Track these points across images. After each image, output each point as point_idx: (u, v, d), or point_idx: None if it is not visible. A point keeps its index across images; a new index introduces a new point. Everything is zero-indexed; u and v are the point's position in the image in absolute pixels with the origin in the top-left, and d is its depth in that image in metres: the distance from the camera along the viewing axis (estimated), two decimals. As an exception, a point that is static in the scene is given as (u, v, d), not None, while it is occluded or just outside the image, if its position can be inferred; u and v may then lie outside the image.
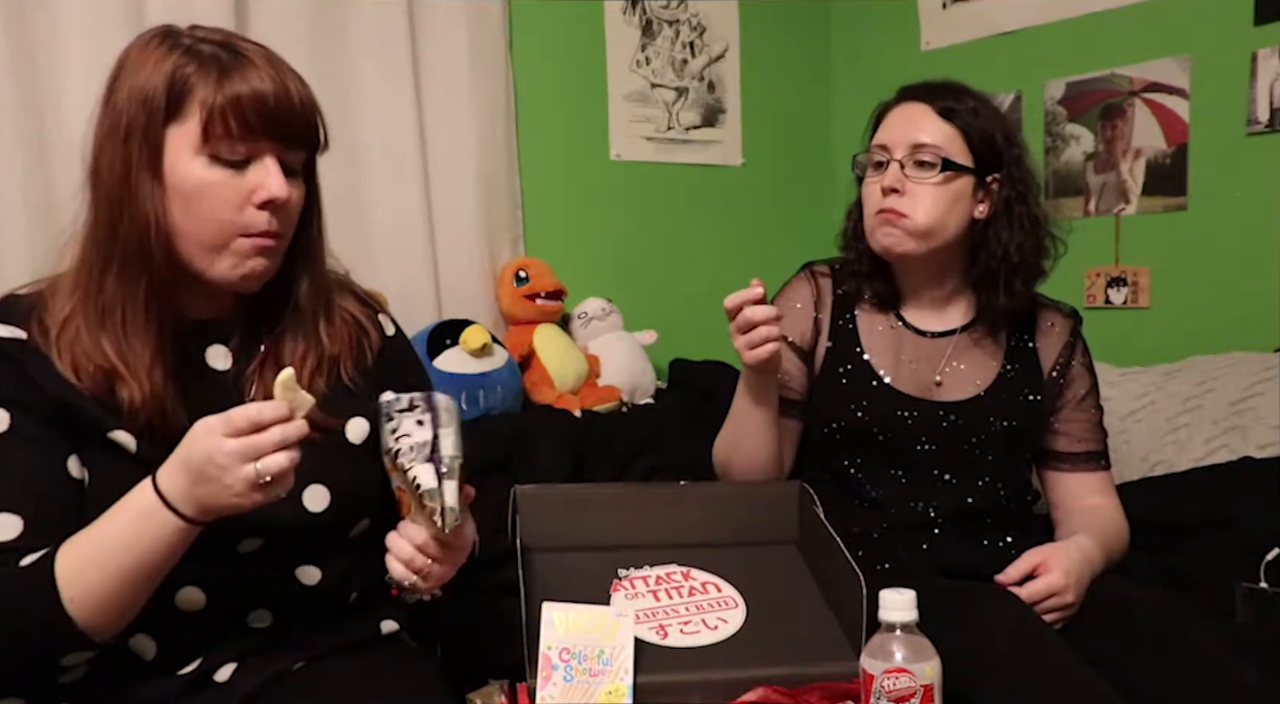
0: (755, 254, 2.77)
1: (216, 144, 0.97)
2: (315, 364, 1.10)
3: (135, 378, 0.99)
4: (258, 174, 0.99)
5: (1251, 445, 1.80)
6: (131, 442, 1.00)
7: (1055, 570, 1.30)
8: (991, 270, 1.46)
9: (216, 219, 0.99)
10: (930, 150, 1.42)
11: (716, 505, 1.41)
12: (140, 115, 0.97)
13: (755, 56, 2.75)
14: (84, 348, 0.99)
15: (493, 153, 2.27)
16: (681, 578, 1.30)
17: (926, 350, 1.51)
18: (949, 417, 1.46)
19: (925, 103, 1.46)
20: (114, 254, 0.99)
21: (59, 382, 0.98)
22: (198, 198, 0.98)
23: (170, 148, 0.97)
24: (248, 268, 1.02)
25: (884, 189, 1.44)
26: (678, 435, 2.04)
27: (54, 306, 1.00)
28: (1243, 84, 2.10)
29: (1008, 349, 1.52)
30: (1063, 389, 1.53)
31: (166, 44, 0.99)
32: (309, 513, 1.07)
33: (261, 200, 0.99)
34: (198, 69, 0.97)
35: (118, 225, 0.98)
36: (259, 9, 1.91)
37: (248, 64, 0.98)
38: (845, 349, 1.52)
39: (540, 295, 2.24)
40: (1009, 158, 1.46)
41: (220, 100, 0.96)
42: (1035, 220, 1.47)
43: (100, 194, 1.00)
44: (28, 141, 1.70)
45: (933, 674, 0.96)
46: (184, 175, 0.98)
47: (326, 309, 1.12)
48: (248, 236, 1.00)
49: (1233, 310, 2.14)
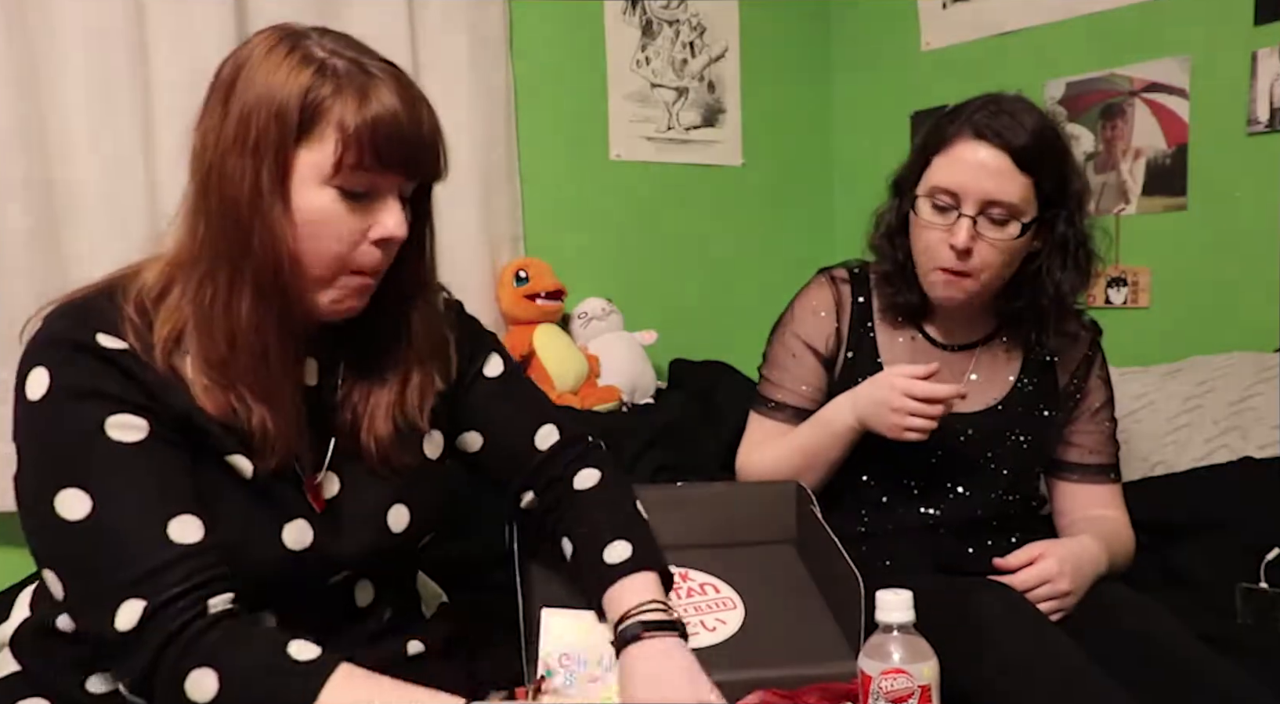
0: (755, 254, 2.77)
1: (347, 175, 0.92)
2: (419, 399, 1.06)
3: (271, 401, 0.94)
4: (378, 209, 0.95)
5: (1251, 445, 1.80)
6: (249, 467, 0.95)
7: (1050, 559, 1.29)
8: (1042, 307, 1.41)
9: (331, 253, 0.94)
10: (1004, 209, 1.33)
11: (714, 506, 1.41)
12: (272, 129, 0.90)
13: (755, 56, 2.75)
14: (201, 365, 0.93)
15: (493, 153, 2.27)
16: (680, 579, 1.30)
17: (945, 364, 1.48)
18: (965, 430, 1.45)
19: (1000, 149, 1.33)
20: (244, 272, 0.92)
21: (174, 394, 0.93)
22: (317, 229, 0.93)
23: (298, 172, 0.91)
24: (346, 304, 0.98)
25: (956, 249, 1.35)
26: (680, 435, 2.05)
27: (155, 314, 0.94)
28: (1243, 84, 2.09)
29: (1025, 360, 1.50)
30: (1078, 402, 1.52)
31: (299, 53, 0.92)
32: (392, 533, 1.05)
33: (378, 238, 0.95)
34: (335, 90, 0.91)
35: (248, 244, 0.91)
36: (259, 8, 1.91)
37: (382, 87, 0.92)
38: (865, 359, 1.50)
39: (540, 295, 2.24)
40: (1071, 193, 1.38)
41: (357, 127, 0.90)
42: (1090, 255, 1.41)
43: (225, 205, 0.92)
44: (28, 142, 1.70)
45: (930, 675, 0.96)
46: (310, 203, 0.92)
47: (441, 344, 1.09)
48: (356, 273, 0.96)
49: (1233, 310, 2.14)
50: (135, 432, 0.90)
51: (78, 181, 1.74)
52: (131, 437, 0.90)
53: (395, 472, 1.05)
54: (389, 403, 1.04)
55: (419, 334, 1.06)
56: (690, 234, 2.66)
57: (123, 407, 0.90)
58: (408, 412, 1.05)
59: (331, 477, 1.03)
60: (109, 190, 1.76)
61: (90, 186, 1.75)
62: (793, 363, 1.53)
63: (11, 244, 1.68)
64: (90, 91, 1.75)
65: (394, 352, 1.05)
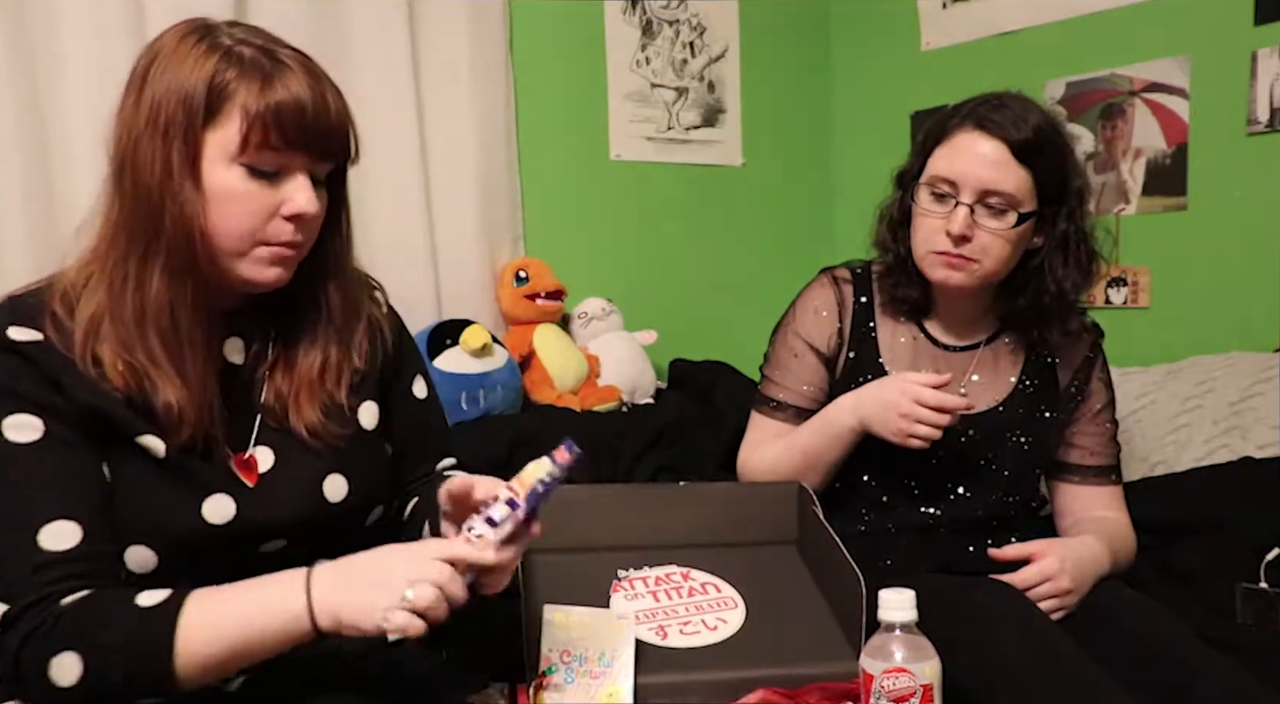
0: (755, 254, 2.77)
1: (254, 154, 0.96)
2: (341, 378, 1.10)
3: (183, 379, 0.98)
4: (288, 186, 0.99)
5: (1251, 445, 1.80)
6: (161, 447, 0.99)
7: (1051, 557, 1.29)
8: (1044, 305, 1.42)
9: (242, 228, 0.98)
10: (1003, 198, 1.35)
11: (716, 506, 1.41)
12: (180, 114, 0.95)
13: (755, 56, 2.74)
14: (116, 348, 0.97)
15: (493, 153, 2.27)
16: (681, 578, 1.30)
17: (947, 364, 1.49)
18: (966, 431, 1.45)
19: (1000, 139, 1.35)
20: (157, 252, 0.97)
21: (83, 384, 0.96)
22: (228, 205, 0.97)
23: (207, 152, 0.96)
24: (265, 274, 1.01)
25: (951, 235, 1.37)
26: (680, 435, 2.05)
27: (81, 303, 0.98)
28: (1243, 84, 2.09)
29: (1026, 361, 1.50)
30: (1079, 403, 1.51)
31: (206, 42, 0.97)
32: (329, 503, 1.07)
33: (289, 214, 0.99)
34: (239, 75, 0.96)
35: (160, 223, 0.96)
36: (258, 8, 1.91)
37: (288, 72, 0.97)
38: (866, 360, 1.50)
39: (540, 295, 2.24)
40: (1072, 190, 1.39)
41: (260, 110, 0.95)
42: (1092, 253, 1.42)
43: (138, 189, 0.97)
44: (28, 142, 1.70)
45: (932, 674, 0.96)
46: (218, 182, 0.97)
47: (359, 323, 1.13)
48: (268, 245, 1.00)
49: (1233, 310, 2.14)
50: (30, 432, 0.94)
51: (78, 182, 1.74)
52: (26, 437, 0.94)
53: (328, 444, 1.08)
54: (311, 380, 1.08)
55: (336, 311, 1.10)
56: (690, 234, 2.66)
57: (22, 406, 0.94)
58: (328, 387, 1.09)
59: (266, 450, 1.06)
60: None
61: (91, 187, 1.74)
62: (794, 362, 1.53)
63: (12, 245, 1.68)
64: (90, 91, 1.74)
65: (314, 329, 1.09)
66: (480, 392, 1.99)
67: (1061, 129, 1.41)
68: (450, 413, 1.41)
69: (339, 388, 1.10)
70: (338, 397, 1.10)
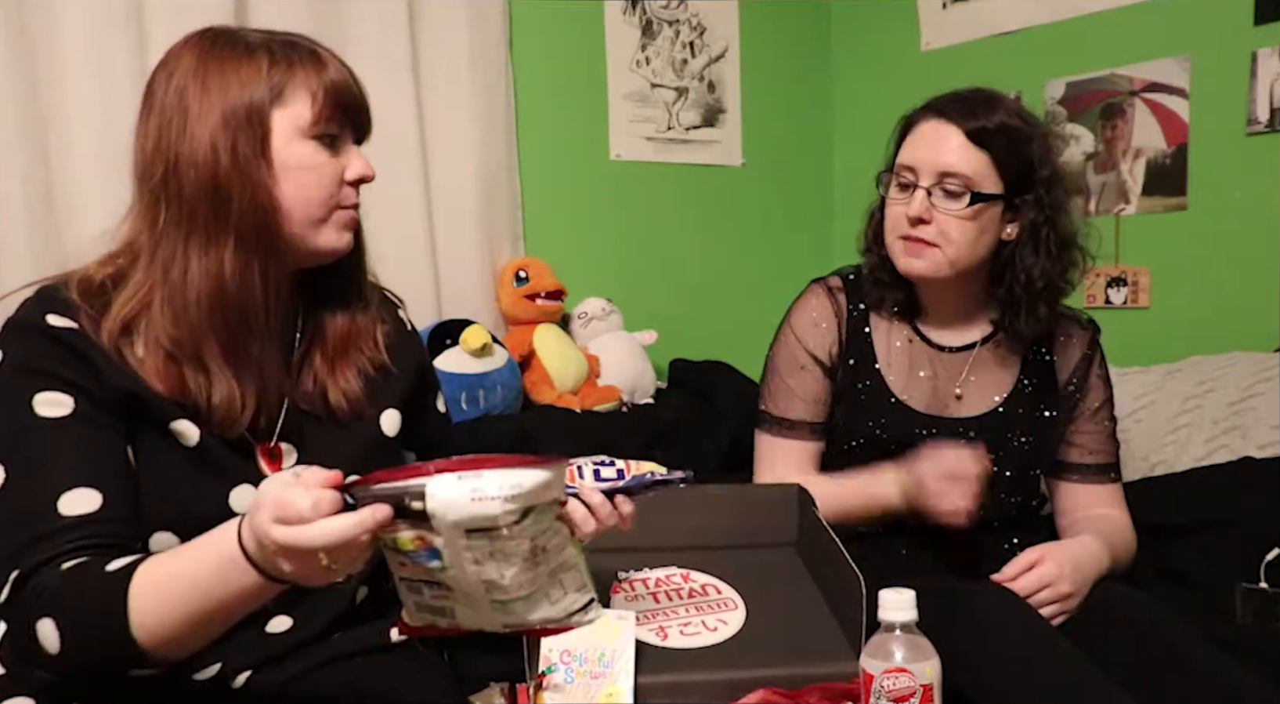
0: (755, 254, 2.77)
1: (324, 125, 1.03)
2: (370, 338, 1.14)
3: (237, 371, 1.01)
4: (346, 155, 1.07)
5: (1251, 445, 1.80)
6: (194, 433, 1.00)
7: (1049, 562, 1.29)
8: (1015, 295, 1.42)
9: (321, 195, 1.05)
10: (958, 180, 1.37)
11: (716, 508, 1.41)
12: (242, 104, 1.00)
13: (755, 56, 2.75)
14: (162, 341, 0.99)
15: (493, 153, 2.27)
16: (681, 580, 1.30)
17: (944, 365, 1.49)
18: (967, 433, 1.45)
19: (955, 123, 1.39)
20: (225, 235, 1.00)
21: (120, 370, 0.98)
22: (304, 175, 1.03)
23: (277, 132, 1.02)
24: (342, 240, 1.08)
25: (910, 218, 1.39)
26: (680, 435, 2.05)
27: (123, 295, 1.00)
28: (1243, 84, 2.10)
29: (1024, 362, 1.50)
30: (1077, 401, 1.51)
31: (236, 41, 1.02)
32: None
33: (354, 177, 1.07)
34: (293, 61, 1.02)
35: (226, 209, 0.99)
36: (258, 8, 1.91)
37: (326, 57, 1.06)
38: (863, 366, 1.50)
39: (540, 295, 2.24)
40: (1039, 179, 1.39)
41: (325, 86, 1.03)
42: (1063, 243, 1.42)
43: (198, 183, 0.99)
44: (28, 142, 1.70)
45: (932, 674, 0.96)
46: (294, 156, 1.02)
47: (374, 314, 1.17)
48: (342, 209, 1.07)
49: (1233, 310, 2.14)
50: (60, 408, 0.96)
51: (78, 182, 1.74)
52: (56, 412, 0.96)
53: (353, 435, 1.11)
54: (346, 345, 1.13)
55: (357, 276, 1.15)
56: (690, 234, 2.66)
57: (54, 384, 0.96)
58: (363, 350, 1.14)
59: (290, 447, 1.08)
60: (110, 190, 1.75)
61: (90, 187, 1.75)
62: (801, 377, 1.51)
63: (12, 245, 1.68)
64: (90, 91, 1.74)
65: (340, 300, 1.14)
66: (480, 392, 2.00)
67: (1031, 119, 1.43)
68: (450, 413, 1.41)
69: (376, 350, 1.14)
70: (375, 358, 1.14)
